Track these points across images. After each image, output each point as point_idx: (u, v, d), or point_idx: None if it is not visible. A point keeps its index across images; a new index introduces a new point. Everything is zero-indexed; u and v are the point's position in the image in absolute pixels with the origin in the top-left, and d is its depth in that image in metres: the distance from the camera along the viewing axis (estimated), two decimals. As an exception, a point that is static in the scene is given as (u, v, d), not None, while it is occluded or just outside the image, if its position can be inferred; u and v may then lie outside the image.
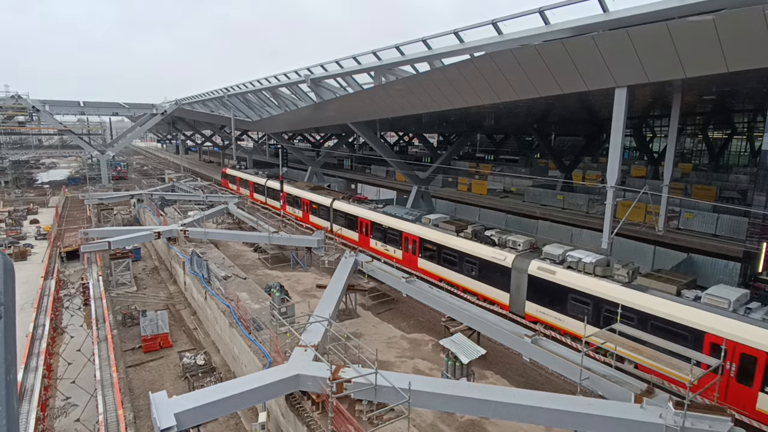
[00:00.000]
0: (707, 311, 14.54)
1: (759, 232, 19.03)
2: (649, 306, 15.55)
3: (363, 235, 31.28)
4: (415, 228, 26.76)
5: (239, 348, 18.97)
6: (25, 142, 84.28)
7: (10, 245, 38.49)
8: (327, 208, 35.45)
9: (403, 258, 27.61)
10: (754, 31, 13.02)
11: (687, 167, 52.21)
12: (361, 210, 31.90)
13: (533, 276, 19.65)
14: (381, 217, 29.68)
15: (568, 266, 18.84)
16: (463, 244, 23.37)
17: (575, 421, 11.11)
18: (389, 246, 28.83)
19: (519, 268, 20.35)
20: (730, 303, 14.37)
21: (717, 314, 14.25)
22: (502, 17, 18.96)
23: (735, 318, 13.96)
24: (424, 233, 25.90)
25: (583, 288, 17.71)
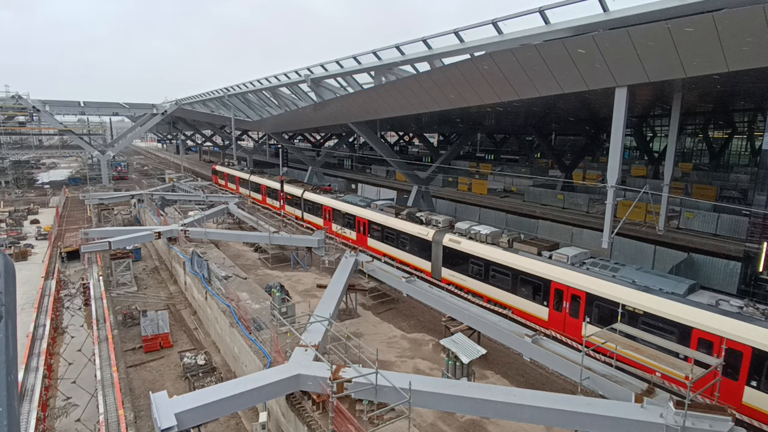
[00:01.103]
0: (551, 264, 19.11)
1: (759, 232, 19.02)
2: (514, 262, 20.32)
3: (327, 221, 35.33)
4: (365, 212, 30.94)
5: (240, 348, 18.98)
6: (25, 142, 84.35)
7: (10, 245, 38.52)
8: (299, 198, 39.60)
9: (356, 238, 31.60)
10: (755, 31, 13.01)
11: (687, 167, 52.25)
12: (325, 199, 35.89)
13: (446, 246, 23.98)
14: (340, 204, 33.80)
15: (470, 237, 23.17)
16: (399, 224, 27.67)
17: (576, 420, 11.11)
18: (346, 229, 32.86)
19: (437, 241, 24.61)
20: (568, 258, 18.93)
21: (557, 266, 18.80)
22: (502, 17, 18.96)
23: (568, 268, 18.51)
24: (372, 216, 30.09)
25: (476, 253, 22.19)
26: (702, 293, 16.10)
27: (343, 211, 33.13)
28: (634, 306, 16.00)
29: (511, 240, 21.62)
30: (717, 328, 14.00)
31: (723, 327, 13.91)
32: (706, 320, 14.33)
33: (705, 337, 14.23)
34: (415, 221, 26.93)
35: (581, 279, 17.82)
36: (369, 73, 30.30)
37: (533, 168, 56.47)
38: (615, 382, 12.58)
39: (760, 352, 12.97)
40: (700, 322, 14.38)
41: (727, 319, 14.04)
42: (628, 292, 16.35)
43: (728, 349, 13.58)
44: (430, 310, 21.56)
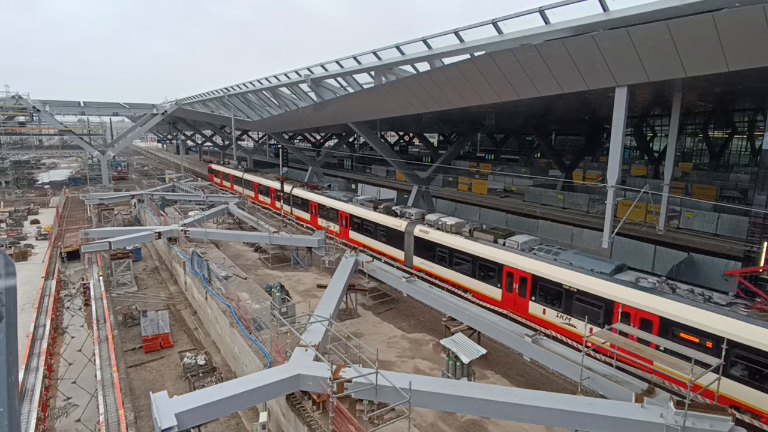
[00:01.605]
0: (504, 250, 21.34)
1: (760, 232, 19.01)
2: (474, 249, 22.56)
3: (313, 215, 37.56)
4: (346, 206, 33.17)
5: (240, 348, 18.98)
6: (25, 142, 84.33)
7: (10, 245, 38.53)
8: (288, 194, 41.93)
9: (339, 231, 33.57)
10: (755, 30, 13.01)
11: (687, 166, 52.23)
12: (311, 195, 38.17)
13: (417, 236, 26.03)
14: (324, 200, 35.98)
15: (437, 228, 25.25)
16: (376, 217, 29.78)
17: (576, 420, 11.11)
18: (330, 222, 34.81)
19: (409, 232, 26.67)
20: (518, 245, 21.21)
21: (508, 251, 21.12)
22: (502, 17, 18.95)
23: (518, 253, 20.73)
24: (352, 210, 32.27)
25: (442, 242, 24.28)
26: (628, 273, 18.08)
27: (327, 206, 35.26)
28: (570, 285, 18.07)
29: (471, 229, 23.93)
30: (633, 301, 15.98)
31: (637, 300, 15.88)
32: (624, 295, 16.38)
33: (625, 309, 16.15)
34: (391, 214, 29.21)
35: (528, 263, 20.02)
36: (369, 73, 30.29)
37: (533, 168, 56.44)
38: (615, 382, 12.58)
39: (667, 321, 15.01)
40: (620, 296, 16.44)
41: (641, 293, 16.12)
42: (565, 272, 18.48)
43: (643, 320, 15.67)
44: (430, 310, 21.56)
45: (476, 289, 22.46)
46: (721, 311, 14.31)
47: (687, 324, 14.59)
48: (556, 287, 18.60)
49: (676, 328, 14.84)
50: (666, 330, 15.10)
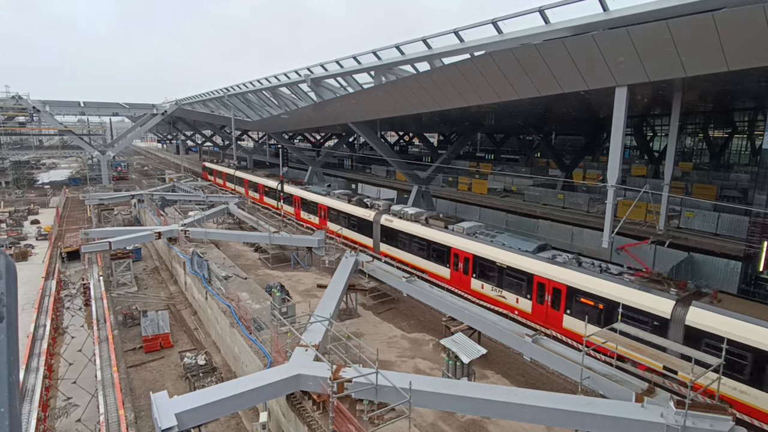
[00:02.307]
0: (451, 234, 24.40)
1: (760, 231, 19.02)
2: (428, 235, 25.48)
3: (297, 209, 40.70)
4: (324, 199, 36.47)
5: (240, 348, 18.98)
6: (25, 142, 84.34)
7: (11, 246, 38.54)
8: (274, 190, 45.48)
9: (319, 222, 36.92)
10: (755, 30, 13.00)
11: (688, 166, 52.20)
12: (296, 190, 41.25)
13: (383, 225, 29.16)
14: (306, 194, 39.35)
15: (399, 217, 28.25)
16: (350, 208, 32.99)
17: (576, 420, 11.11)
18: (311, 215, 38.15)
19: (376, 221, 29.76)
20: (464, 230, 24.20)
21: (455, 236, 24.16)
22: (502, 16, 18.93)
23: (463, 237, 23.73)
24: (330, 203, 35.53)
25: (403, 229, 27.46)
26: (549, 251, 20.91)
27: (309, 200, 38.70)
28: (501, 262, 21.26)
29: (427, 217, 26.92)
30: (547, 273, 19.17)
31: (550, 272, 19.08)
32: (540, 268, 19.58)
33: (541, 281, 19.34)
34: (361, 205, 32.29)
35: (470, 244, 23.13)
36: (369, 73, 30.26)
37: (533, 168, 56.41)
38: (615, 382, 12.58)
39: (574, 290, 18.15)
40: (537, 270, 19.67)
41: (554, 266, 19.16)
42: (497, 252, 21.63)
43: (554, 289, 18.82)
44: (430, 309, 21.57)
45: (431, 270, 25.40)
46: (611, 279, 17.42)
47: (585, 290, 17.75)
48: (491, 265, 21.76)
49: (578, 294, 17.97)
50: (571, 296, 18.27)
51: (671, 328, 15.37)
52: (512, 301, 20.85)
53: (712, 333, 14.05)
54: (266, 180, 49.08)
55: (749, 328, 13.53)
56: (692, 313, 14.90)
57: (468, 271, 23.11)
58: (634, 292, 16.42)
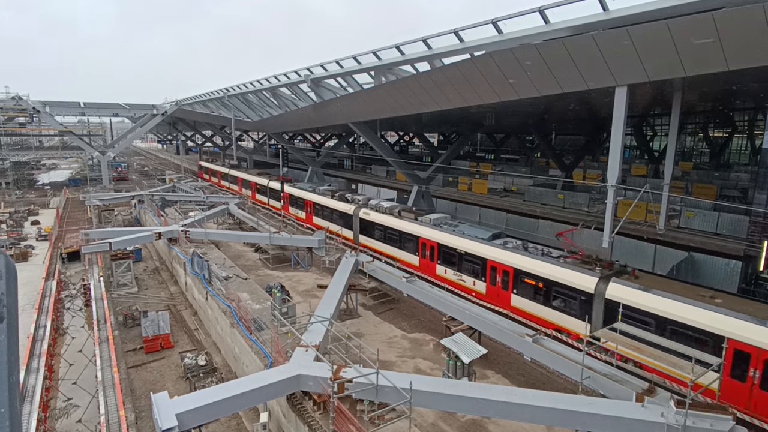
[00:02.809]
0: (419, 225, 26.61)
1: (760, 231, 19.02)
2: (399, 226, 27.91)
3: (286, 205, 42.96)
4: (311, 196, 38.88)
5: (240, 348, 18.98)
6: (25, 143, 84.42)
7: (11, 246, 38.55)
8: (265, 187, 48.38)
9: (306, 218, 39.27)
10: (754, 30, 13.00)
11: (688, 166, 52.15)
12: (285, 187, 43.33)
13: (361, 218, 31.51)
14: (294, 190, 41.67)
15: (375, 210, 30.62)
16: (332, 203, 35.35)
17: (576, 420, 11.10)
18: (299, 210, 40.30)
19: (355, 214, 32.08)
20: (431, 221, 26.51)
21: (423, 226, 26.42)
22: (502, 16, 18.95)
23: (429, 227, 25.92)
24: (315, 198, 37.93)
25: (378, 221, 29.78)
26: (502, 239, 23.10)
27: (296, 196, 40.96)
28: (460, 248, 23.54)
29: (400, 210, 29.35)
30: (497, 257, 21.44)
31: (500, 257, 21.40)
32: (491, 253, 21.81)
33: (493, 264, 21.56)
34: (343, 200, 34.74)
35: (434, 234, 25.35)
36: (369, 74, 30.29)
37: (533, 168, 56.37)
38: (616, 382, 12.57)
39: (519, 271, 20.45)
40: (489, 255, 21.89)
41: (502, 251, 21.54)
42: (457, 240, 23.80)
43: (504, 271, 21.23)
44: (430, 310, 21.56)
45: (403, 258, 27.62)
46: (549, 261, 19.73)
47: (527, 271, 20.09)
48: (452, 252, 24.02)
49: (521, 275, 20.34)
50: (517, 278, 20.56)
51: (595, 301, 17.45)
52: (470, 284, 23.18)
53: (626, 304, 15.86)
54: (257, 178, 51.80)
55: (654, 298, 15.78)
56: (611, 288, 16.99)
57: (433, 258, 25.45)
58: (565, 271, 18.70)
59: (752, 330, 13.41)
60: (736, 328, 13.69)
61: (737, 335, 13.49)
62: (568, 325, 18.46)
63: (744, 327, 13.59)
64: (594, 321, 17.22)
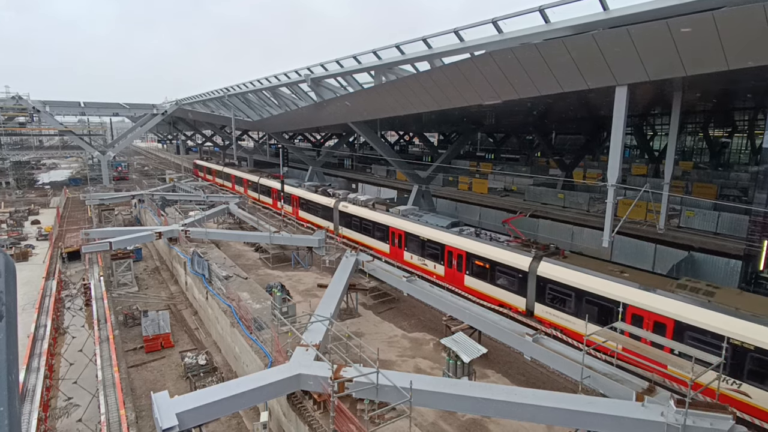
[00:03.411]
0: (389, 215, 29.19)
1: (760, 230, 19.02)
2: (373, 217, 30.25)
3: (275, 200, 45.14)
4: (296, 191, 41.17)
5: (241, 348, 18.99)
6: (25, 142, 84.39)
7: (11, 246, 38.56)
8: (256, 183, 50.64)
9: (293, 211, 41.41)
10: (755, 29, 12.99)
11: (688, 165, 52.13)
12: (273, 183, 45.86)
13: (341, 211, 33.80)
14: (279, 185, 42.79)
15: (353, 203, 33.02)
16: (316, 198, 37.57)
17: (577, 419, 11.11)
18: (287, 205, 42.29)
19: (336, 207, 34.39)
20: (399, 212, 29.29)
21: (392, 216, 28.91)
22: (502, 16, 18.93)
23: (398, 218, 28.38)
24: (301, 194, 40.20)
25: (355, 213, 32.04)
26: (459, 227, 25.61)
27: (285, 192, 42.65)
28: (422, 236, 25.70)
29: (374, 203, 32.06)
30: (452, 243, 23.79)
31: (455, 242, 23.73)
32: (447, 239, 24.26)
33: (450, 249, 23.96)
34: (325, 195, 36.89)
35: (402, 223, 27.74)
36: (369, 73, 30.26)
37: (533, 167, 56.35)
38: (616, 381, 12.58)
39: (470, 254, 22.75)
40: (445, 241, 24.29)
41: (456, 237, 23.87)
42: (421, 228, 26.19)
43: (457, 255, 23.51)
44: (430, 309, 21.57)
45: (376, 247, 29.75)
46: (495, 245, 22.23)
47: (476, 254, 22.51)
48: (416, 239, 26.28)
49: (473, 257, 22.64)
50: (469, 261, 22.94)
51: (529, 278, 19.95)
52: (431, 268, 25.38)
53: (553, 279, 18.81)
54: (249, 175, 54.19)
55: (573, 273, 18.35)
56: (542, 266, 19.55)
57: (401, 245, 27.66)
58: (506, 253, 21.27)
59: (643, 296, 15.98)
60: (631, 295, 16.19)
61: (632, 301, 16.03)
62: (510, 301, 20.95)
63: (637, 294, 16.16)
64: (528, 295, 20.05)
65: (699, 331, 14.15)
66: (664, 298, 15.46)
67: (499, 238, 23.41)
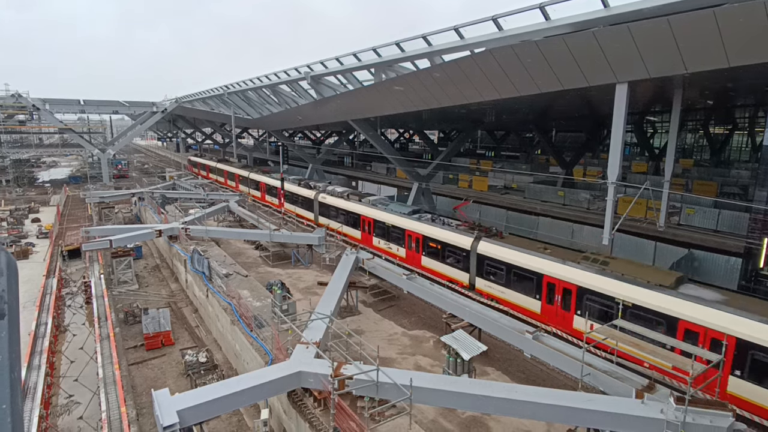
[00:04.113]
0: (361, 205, 32.04)
1: (760, 228, 19.01)
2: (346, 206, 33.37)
3: (263, 193, 48.91)
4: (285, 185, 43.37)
5: (241, 345, 19.03)
6: (25, 140, 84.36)
7: (11, 244, 38.57)
8: (246, 178, 53.66)
9: (278, 203, 43.81)
10: (755, 26, 12.97)
11: (688, 163, 52.14)
12: (261, 177, 49.81)
13: (320, 202, 36.80)
14: (268, 179, 47.87)
15: (330, 195, 35.99)
16: (299, 190, 40.68)
17: (576, 416, 11.14)
18: (271, 197, 46.30)
19: (316, 198, 37.34)
20: (369, 201, 32.04)
21: (363, 206, 31.73)
22: (502, 13, 18.89)
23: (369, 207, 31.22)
24: (286, 187, 42.35)
25: (332, 203, 35.13)
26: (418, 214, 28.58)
27: (270, 185, 46.62)
28: (387, 222, 28.98)
29: (348, 194, 34.93)
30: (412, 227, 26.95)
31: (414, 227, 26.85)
32: (407, 224, 27.33)
33: (410, 233, 26.92)
34: (307, 187, 39.74)
35: (371, 212, 30.58)
36: (369, 71, 30.22)
37: (534, 165, 56.33)
38: (616, 378, 12.60)
39: (425, 237, 25.87)
40: (406, 226, 27.35)
41: (414, 222, 27.11)
42: (386, 215, 29.28)
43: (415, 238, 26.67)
44: (430, 307, 21.59)
45: (350, 234, 32.66)
46: (445, 228, 25.19)
47: (430, 236, 25.53)
48: (383, 225, 29.23)
49: (428, 240, 25.69)
50: (425, 243, 25.95)
51: (471, 255, 22.97)
52: (395, 251, 28.25)
53: (489, 256, 22.01)
54: (240, 170, 56.86)
55: (504, 250, 21.44)
56: (481, 245, 22.60)
57: (371, 231, 30.41)
58: (453, 235, 24.29)
59: (555, 267, 19.05)
60: (546, 266, 19.27)
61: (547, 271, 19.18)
62: (457, 277, 23.82)
63: (550, 265, 19.19)
64: (471, 271, 23.14)
65: (595, 294, 17.34)
66: (569, 267, 18.52)
67: (450, 223, 26.19)
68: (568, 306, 18.32)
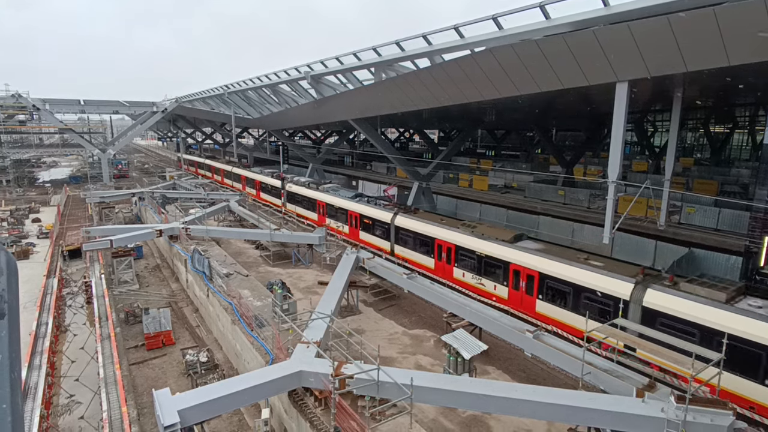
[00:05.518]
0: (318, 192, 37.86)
1: (760, 227, 18.99)
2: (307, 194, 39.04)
3: (243, 185, 55.09)
4: (259, 177, 50.83)
5: (242, 345, 19.03)
6: (26, 140, 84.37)
7: (12, 244, 38.59)
8: (229, 172, 60.21)
9: (256, 194, 50.61)
10: (756, 24, 12.94)
11: (688, 162, 52.08)
12: (247, 172, 55.44)
13: (288, 191, 42.31)
14: (248, 173, 54.77)
15: (296, 184, 41.45)
16: (270, 180, 47.38)
17: (577, 415, 11.14)
18: (252, 189, 52.08)
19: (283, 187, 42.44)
20: (325, 189, 37.73)
21: (319, 192, 37.73)
22: (502, 12, 18.87)
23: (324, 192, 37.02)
24: (262, 179, 49.70)
25: (297, 192, 40.83)
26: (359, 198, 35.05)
27: (250, 177, 53.34)
28: (334, 204, 34.83)
29: (308, 183, 41.21)
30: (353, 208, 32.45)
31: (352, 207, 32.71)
32: (348, 206, 33.15)
33: (350, 213, 32.69)
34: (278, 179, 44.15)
35: (323, 197, 36.63)
36: (369, 70, 30.21)
37: (534, 164, 56.27)
38: (616, 377, 12.60)
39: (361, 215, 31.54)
40: (349, 207, 33.09)
41: (353, 203, 33.19)
42: (334, 199, 35.20)
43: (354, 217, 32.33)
44: (431, 306, 21.60)
45: (311, 218, 38.25)
46: (375, 207, 31.28)
47: (365, 214, 31.04)
48: (332, 207, 35.00)
49: (363, 217, 31.20)
50: (361, 220, 31.44)
51: (390, 229, 28.53)
52: (342, 228, 33.38)
53: (404, 228, 27.44)
54: (226, 166, 62.71)
55: (410, 221, 27.29)
56: (397, 219, 28.14)
57: (324, 214, 36.01)
58: (380, 212, 30.00)
59: (443, 232, 24.77)
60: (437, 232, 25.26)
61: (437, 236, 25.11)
62: (382, 245, 29.26)
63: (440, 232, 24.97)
64: (391, 240, 28.62)
65: (465, 249, 23.14)
66: (450, 231, 24.38)
67: (380, 203, 32.49)
68: (450, 260, 24.24)
